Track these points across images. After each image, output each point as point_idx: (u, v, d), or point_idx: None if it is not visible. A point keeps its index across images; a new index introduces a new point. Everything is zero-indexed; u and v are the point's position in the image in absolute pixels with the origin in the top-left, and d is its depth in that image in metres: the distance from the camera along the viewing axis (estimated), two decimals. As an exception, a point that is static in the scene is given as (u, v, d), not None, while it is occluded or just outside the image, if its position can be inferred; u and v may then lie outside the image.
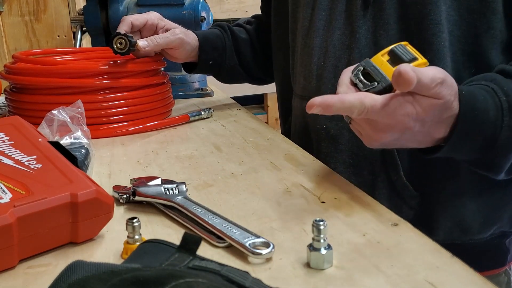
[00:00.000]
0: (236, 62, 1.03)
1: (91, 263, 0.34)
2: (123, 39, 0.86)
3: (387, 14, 0.72)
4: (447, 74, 0.53)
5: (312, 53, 0.79)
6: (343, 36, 0.76)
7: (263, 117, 3.21)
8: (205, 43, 0.98)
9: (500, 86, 0.61)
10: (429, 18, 0.69)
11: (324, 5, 0.78)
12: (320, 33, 0.79)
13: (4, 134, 0.56)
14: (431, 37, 0.69)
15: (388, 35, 0.72)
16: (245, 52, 1.04)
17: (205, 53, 0.98)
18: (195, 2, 1.15)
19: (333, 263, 0.42)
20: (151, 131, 0.89)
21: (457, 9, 0.69)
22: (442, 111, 0.54)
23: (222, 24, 1.06)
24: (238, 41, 1.03)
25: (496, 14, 0.68)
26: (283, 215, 0.52)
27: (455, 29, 0.70)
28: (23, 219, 0.43)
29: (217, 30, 1.03)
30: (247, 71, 1.06)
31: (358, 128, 0.57)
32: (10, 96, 0.90)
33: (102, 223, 0.48)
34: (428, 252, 0.43)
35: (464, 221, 0.74)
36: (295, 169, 0.66)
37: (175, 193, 0.55)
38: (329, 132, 0.77)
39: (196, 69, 1.01)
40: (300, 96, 0.83)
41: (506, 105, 0.59)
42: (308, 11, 0.80)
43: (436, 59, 0.69)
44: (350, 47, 0.75)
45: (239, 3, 3.11)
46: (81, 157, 0.63)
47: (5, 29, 1.61)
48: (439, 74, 0.51)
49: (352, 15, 0.75)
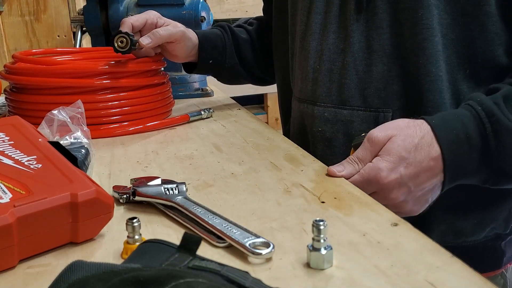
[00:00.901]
0: (236, 62, 1.03)
1: (91, 263, 0.34)
2: (124, 38, 0.85)
3: (379, 18, 0.72)
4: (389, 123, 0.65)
5: (309, 56, 0.79)
6: (338, 40, 0.76)
7: (263, 117, 3.21)
8: (205, 42, 0.98)
9: (475, 100, 0.64)
10: (422, 22, 0.69)
11: (320, 8, 0.78)
12: (316, 37, 0.79)
13: (4, 134, 0.56)
14: (424, 42, 0.69)
15: (381, 39, 0.73)
16: (245, 52, 1.04)
17: (205, 52, 0.98)
18: (195, 2, 1.15)
19: (333, 263, 0.42)
20: (151, 131, 0.89)
21: (450, 12, 0.69)
22: (406, 139, 0.61)
23: (222, 24, 1.06)
24: (238, 41, 1.03)
25: (490, 17, 0.68)
26: (283, 215, 0.52)
27: (449, 32, 0.70)
28: (23, 219, 0.43)
29: (217, 29, 1.03)
30: (248, 71, 1.06)
31: None
32: (10, 96, 0.90)
33: (102, 223, 0.48)
34: (428, 252, 0.43)
35: (458, 223, 0.74)
36: (295, 169, 0.66)
37: (175, 193, 0.55)
38: (325, 135, 0.77)
39: (196, 69, 1.01)
40: (298, 99, 0.83)
41: (483, 114, 0.62)
42: (304, 14, 0.81)
43: (429, 63, 0.70)
44: (344, 51, 0.75)
45: (239, 3, 3.11)
46: (81, 157, 0.62)
47: (5, 29, 1.61)
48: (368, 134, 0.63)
49: (346, 19, 0.75)
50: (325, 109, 0.77)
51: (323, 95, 0.77)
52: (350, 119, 0.75)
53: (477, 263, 0.77)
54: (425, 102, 0.71)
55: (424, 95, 0.71)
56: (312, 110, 0.79)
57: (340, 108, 0.76)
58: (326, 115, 0.77)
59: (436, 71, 0.70)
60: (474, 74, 0.71)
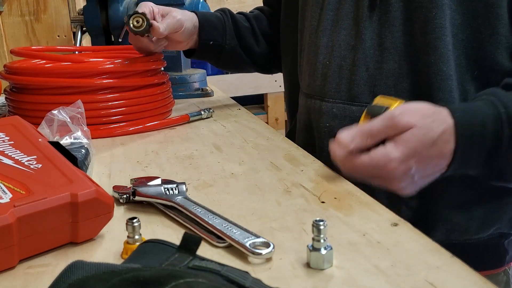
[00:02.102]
0: (236, 43, 1.02)
1: (91, 263, 0.34)
2: (140, 18, 0.84)
3: (392, 16, 0.73)
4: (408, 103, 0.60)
5: (318, 52, 0.80)
6: (349, 37, 0.76)
7: (263, 117, 3.21)
8: (205, 22, 0.97)
9: (499, 99, 0.63)
10: (435, 21, 0.69)
11: (332, 5, 0.79)
12: (327, 33, 0.79)
13: (4, 134, 0.56)
14: (435, 41, 0.70)
15: (393, 37, 0.73)
16: (246, 35, 1.03)
17: (205, 33, 0.97)
18: (195, 2, 1.15)
19: (333, 263, 0.42)
20: (151, 131, 0.89)
21: (462, 13, 0.70)
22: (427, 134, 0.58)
23: (223, 8, 1.05)
24: (238, 24, 1.02)
25: (500, 19, 0.69)
26: (283, 215, 0.52)
27: (459, 33, 0.70)
28: (23, 219, 0.43)
29: (217, 12, 1.03)
30: (249, 56, 1.05)
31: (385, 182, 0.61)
32: (10, 96, 0.90)
33: (102, 223, 0.48)
34: (428, 252, 0.43)
35: (463, 222, 0.74)
36: (295, 169, 0.66)
37: (175, 193, 0.55)
38: (332, 131, 0.77)
39: (197, 52, 1.00)
40: (306, 94, 0.84)
41: (505, 117, 0.61)
42: (316, 10, 0.81)
43: (440, 62, 0.70)
44: (355, 48, 0.76)
45: (239, 3, 3.11)
46: (81, 157, 0.62)
47: (5, 29, 1.61)
48: (391, 112, 0.59)
49: (359, 16, 0.75)
50: (333, 105, 0.77)
51: (332, 91, 0.77)
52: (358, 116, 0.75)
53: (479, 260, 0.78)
54: (435, 101, 0.71)
55: (434, 94, 0.71)
56: (319, 106, 0.79)
57: (349, 104, 0.76)
58: (334, 111, 0.77)
59: (447, 70, 0.70)
60: (482, 76, 0.72)
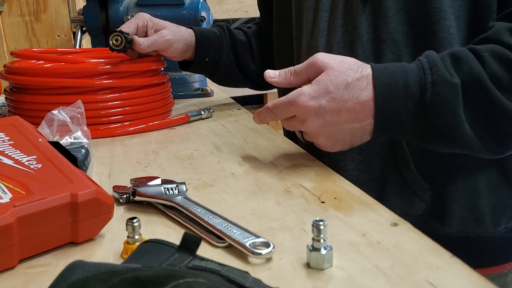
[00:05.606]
0: (232, 61, 1.03)
1: (91, 263, 0.34)
2: (119, 36, 0.86)
3: (385, 7, 0.72)
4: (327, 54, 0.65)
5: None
6: (346, 34, 0.76)
7: (263, 117, 3.21)
8: (203, 40, 0.98)
9: (424, 54, 0.64)
10: (431, 6, 0.69)
11: (326, 6, 0.79)
12: (323, 34, 0.79)
13: (4, 134, 0.56)
14: (434, 25, 0.69)
15: (389, 27, 0.72)
16: (242, 53, 1.04)
17: (202, 50, 0.98)
18: (195, 2, 1.15)
19: (333, 263, 0.42)
20: (151, 131, 0.89)
21: None
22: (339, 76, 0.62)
23: (221, 24, 1.06)
24: (235, 42, 1.03)
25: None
26: (283, 215, 0.52)
27: (461, 15, 0.69)
28: (23, 219, 0.43)
29: (215, 29, 1.03)
30: (244, 73, 1.06)
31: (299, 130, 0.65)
32: (10, 96, 0.90)
33: (102, 223, 0.48)
34: (428, 252, 0.43)
35: (477, 209, 0.74)
36: (295, 169, 0.66)
37: (175, 193, 0.55)
38: None
39: (192, 66, 1.01)
40: None
41: (426, 64, 0.62)
42: (311, 14, 0.81)
43: (442, 47, 0.69)
44: (353, 44, 0.75)
45: (239, 3, 3.11)
46: (81, 157, 0.62)
47: (5, 29, 1.62)
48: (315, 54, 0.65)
49: (353, 11, 0.75)
50: None
51: None
52: None
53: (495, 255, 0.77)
54: None
55: None
56: None
57: None
58: None
59: None
60: None
